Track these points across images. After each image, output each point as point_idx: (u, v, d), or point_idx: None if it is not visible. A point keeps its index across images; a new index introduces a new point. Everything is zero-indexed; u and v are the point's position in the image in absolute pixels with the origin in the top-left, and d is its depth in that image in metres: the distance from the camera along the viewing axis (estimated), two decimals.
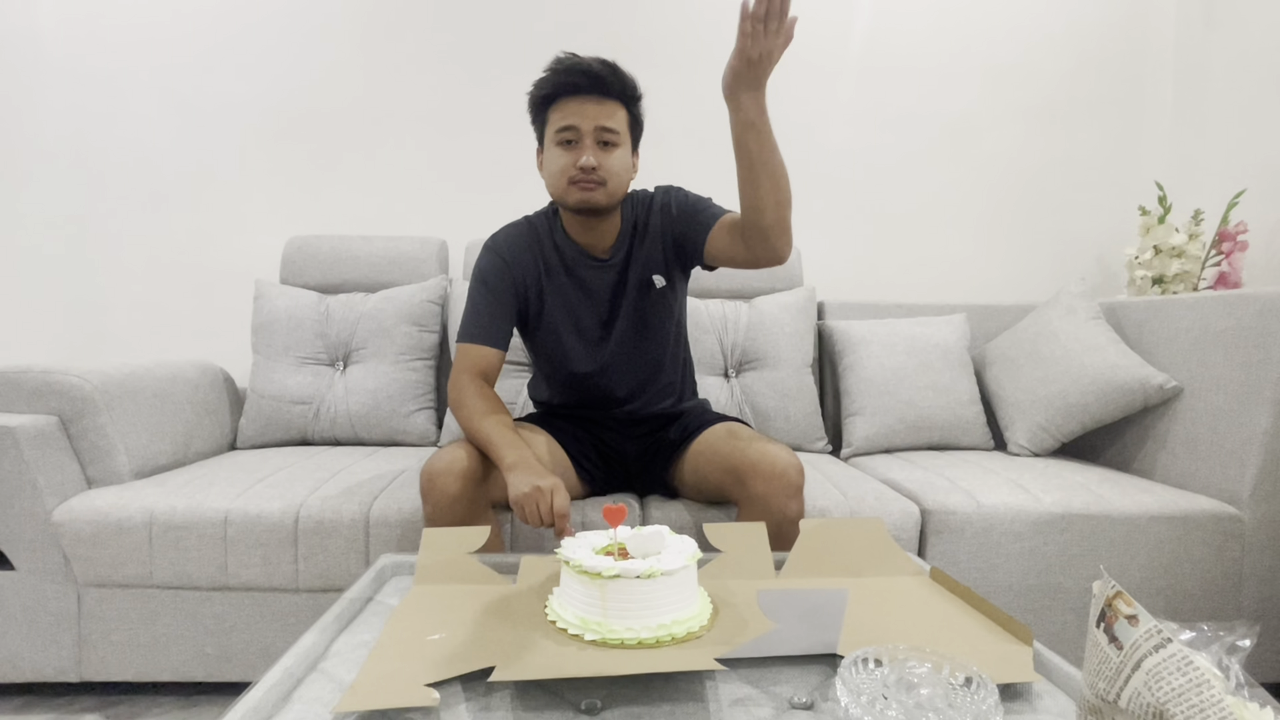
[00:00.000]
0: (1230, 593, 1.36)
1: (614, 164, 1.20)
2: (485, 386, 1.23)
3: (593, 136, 1.18)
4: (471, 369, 1.23)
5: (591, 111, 1.17)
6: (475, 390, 1.20)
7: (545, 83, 1.19)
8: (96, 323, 2.06)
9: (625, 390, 1.34)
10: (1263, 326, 1.36)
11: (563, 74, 1.17)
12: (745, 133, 1.06)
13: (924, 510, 1.35)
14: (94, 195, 2.04)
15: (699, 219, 1.26)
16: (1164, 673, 0.44)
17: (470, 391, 1.20)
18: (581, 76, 1.16)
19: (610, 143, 1.20)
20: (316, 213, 2.08)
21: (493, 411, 1.17)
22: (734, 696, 0.65)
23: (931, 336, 1.83)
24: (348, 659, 0.71)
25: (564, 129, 1.18)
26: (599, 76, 1.16)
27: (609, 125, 1.18)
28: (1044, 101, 2.15)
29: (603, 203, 1.21)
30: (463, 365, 1.23)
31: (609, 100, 1.19)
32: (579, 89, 1.17)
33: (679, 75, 2.09)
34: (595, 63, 1.17)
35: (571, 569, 0.73)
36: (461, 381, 1.21)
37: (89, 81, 2.02)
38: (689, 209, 1.28)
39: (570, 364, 1.31)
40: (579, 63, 1.16)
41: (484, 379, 1.23)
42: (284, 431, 1.74)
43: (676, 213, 1.29)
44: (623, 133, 1.21)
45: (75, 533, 1.25)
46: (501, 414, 1.18)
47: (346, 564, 1.27)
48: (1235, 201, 1.79)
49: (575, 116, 1.17)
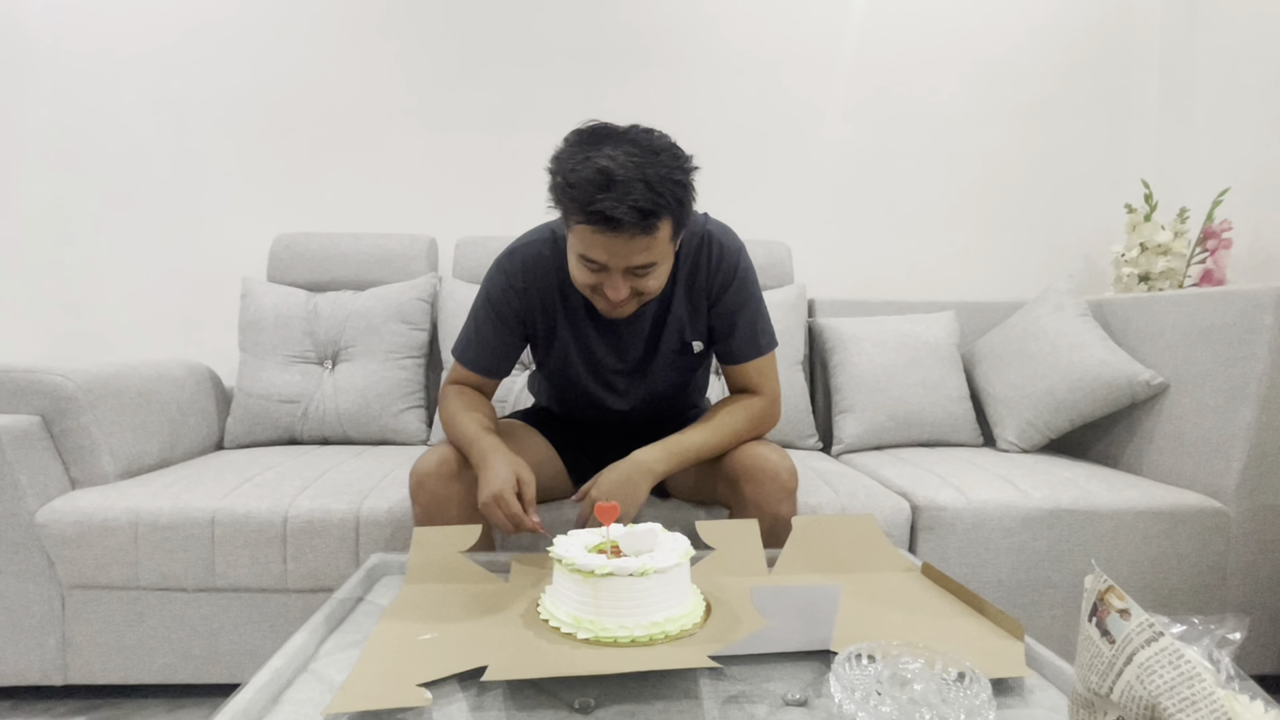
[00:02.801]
0: (1216, 586, 1.37)
1: (650, 284, 1.03)
2: (473, 393, 1.20)
3: (623, 271, 0.99)
4: (464, 382, 1.21)
5: (621, 250, 0.95)
6: (457, 392, 1.18)
7: (564, 195, 0.95)
8: (81, 321, 2.04)
9: (640, 421, 1.28)
10: (1247, 323, 1.37)
11: (586, 210, 0.92)
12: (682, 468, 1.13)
13: (914, 506, 1.35)
14: (78, 191, 2.01)
15: (733, 344, 1.18)
16: (1156, 666, 0.45)
17: (453, 394, 1.18)
18: (608, 222, 0.91)
19: (645, 274, 1.01)
20: (304, 210, 2.07)
21: (469, 409, 1.13)
22: (728, 694, 0.64)
23: (921, 334, 1.84)
24: (338, 659, 0.70)
25: (586, 259, 0.99)
26: (636, 214, 0.91)
27: (643, 262, 0.98)
28: (1032, 100, 2.16)
29: (633, 312, 1.10)
30: (456, 378, 1.22)
31: (646, 235, 0.94)
32: (605, 226, 0.92)
33: (671, 69, 2.09)
34: (633, 198, 0.90)
35: (564, 567, 0.73)
36: (449, 391, 1.19)
37: (73, 75, 1.99)
38: (735, 320, 1.16)
39: (580, 396, 1.25)
40: (607, 204, 0.89)
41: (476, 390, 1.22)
42: (272, 431, 1.72)
43: (724, 310, 1.16)
44: (663, 251, 1.00)
45: (59, 534, 1.23)
46: (477, 411, 1.13)
47: (336, 564, 1.26)
48: (1220, 199, 1.81)
49: (600, 254, 0.97)
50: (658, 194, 0.91)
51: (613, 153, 0.91)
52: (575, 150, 0.95)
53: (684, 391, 1.31)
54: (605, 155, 0.91)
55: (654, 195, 0.91)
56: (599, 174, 0.90)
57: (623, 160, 0.91)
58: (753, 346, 1.18)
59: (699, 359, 1.24)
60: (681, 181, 0.95)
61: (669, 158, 0.94)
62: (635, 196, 0.90)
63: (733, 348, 1.19)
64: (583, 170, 0.91)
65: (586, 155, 0.92)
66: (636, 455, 1.09)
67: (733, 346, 1.19)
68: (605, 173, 0.90)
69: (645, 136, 0.95)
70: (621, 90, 2.08)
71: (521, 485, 0.98)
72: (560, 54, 2.08)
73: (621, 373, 1.21)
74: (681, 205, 0.96)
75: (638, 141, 0.94)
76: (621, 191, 0.89)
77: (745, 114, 2.12)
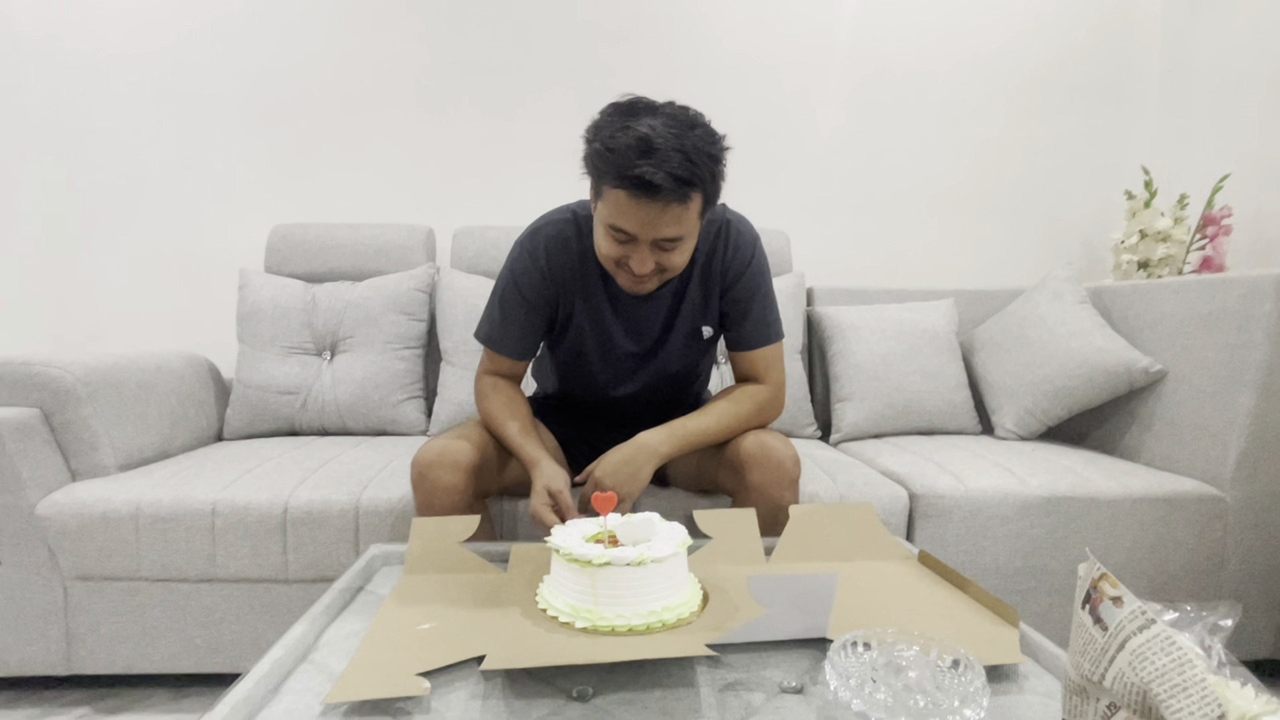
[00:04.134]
0: (1212, 573, 1.38)
1: (675, 259, 1.04)
2: (509, 387, 1.22)
3: (650, 242, 1.00)
4: (494, 372, 1.23)
5: (653, 220, 0.97)
6: (493, 387, 1.20)
7: (601, 160, 0.96)
8: (79, 314, 2.03)
9: (644, 406, 1.29)
10: (1246, 310, 1.37)
11: (625, 174, 0.93)
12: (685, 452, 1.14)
13: (912, 495, 1.36)
14: (74, 184, 2.00)
15: (744, 330, 1.19)
16: (1148, 653, 0.45)
17: (490, 392, 1.20)
18: (646, 187, 0.93)
19: (672, 247, 1.02)
20: (301, 200, 2.06)
21: (514, 417, 1.16)
22: (725, 681, 0.65)
23: (920, 322, 1.84)
24: (338, 649, 0.71)
25: (616, 229, 1.00)
26: (673, 181, 0.92)
27: (672, 235, 0.99)
28: (1031, 87, 2.15)
29: (657, 289, 1.12)
30: (487, 368, 1.23)
31: (679, 204, 0.96)
32: (641, 192, 0.94)
33: (668, 55, 2.08)
34: (671, 165, 0.92)
35: (561, 557, 0.73)
36: (485, 385, 1.21)
37: (66, 68, 1.98)
38: (748, 307, 1.18)
39: (589, 381, 1.27)
40: (646, 169, 0.91)
41: (509, 379, 1.23)
42: (271, 422, 1.73)
43: (737, 296, 1.18)
44: (691, 226, 1.01)
45: (60, 526, 1.23)
46: (516, 408, 1.17)
47: (337, 554, 1.27)
48: (1220, 186, 1.81)
49: (632, 223, 0.98)
50: (695, 164, 0.94)
51: (652, 122, 0.94)
52: (614, 119, 0.97)
53: (690, 378, 1.32)
54: (645, 124, 0.93)
55: (691, 165, 0.93)
56: (640, 141, 0.92)
57: (662, 130, 0.93)
58: (762, 334, 1.20)
59: (708, 344, 1.26)
60: (715, 156, 0.98)
61: (704, 133, 0.97)
62: (673, 165, 0.92)
63: (743, 334, 1.20)
64: (623, 137, 0.93)
65: (626, 124, 0.94)
66: (641, 437, 1.11)
67: (743, 333, 1.20)
68: (646, 140, 0.92)
69: (682, 111, 0.98)
70: (618, 78, 2.06)
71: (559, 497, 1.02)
72: (557, 42, 2.06)
73: (633, 355, 1.23)
74: (714, 181, 0.99)
75: (675, 115, 0.96)
76: (660, 159, 0.92)
77: (743, 102, 2.11)
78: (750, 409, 1.17)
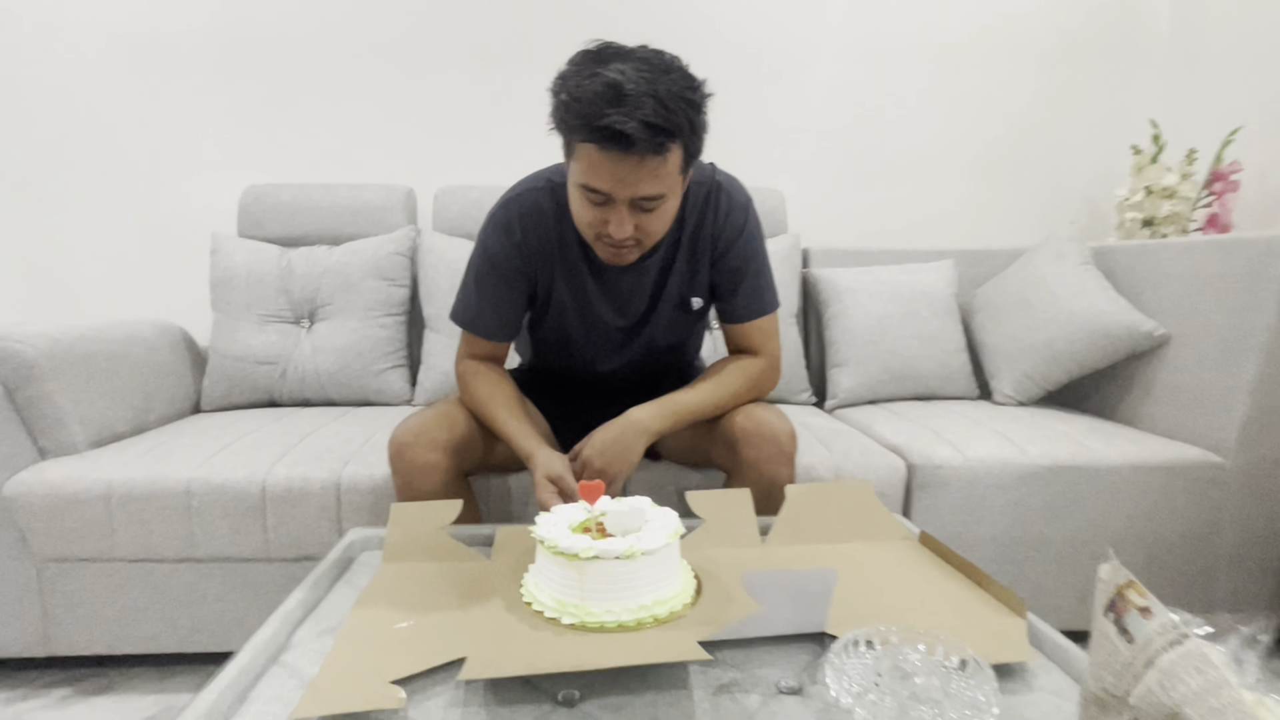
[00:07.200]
0: (1209, 538, 1.37)
1: (655, 224, 0.97)
2: (491, 371, 1.14)
3: (628, 202, 0.93)
4: (475, 355, 1.15)
5: (628, 176, 0.89)
6: (475, 373, 1.13)
7: (568, 113, 0.88)
8: (43, 282, 1.95)
9: (633, 381, 1.24)
10: (1253, 272, 1.32)
11: (593, 125, 0.85)
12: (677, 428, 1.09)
13: (910, 465, 1.33)
14: (34, 145, 1.90)
15: (736, 301, 1.13)
16: (1180, 672, 0.41)
17: (473, 379, 1.12)
18: (617, 138, 0.85)
19: (652, 207, 0.95)
20: (274, 159, 1.96)
21: (502, 404, 1.09)
22: (719, 682, 0.62)
23: (918, 284, 1.79)
24: (311, 649, 0.67)
25: (589, 189, 0.93)
26: (646, 130, 0.84)
27: (651, 193, 0.91)
28: (1034, 37, 2.05)
29: (637, 259, 1.04)
30: (467, 351, 1.16)
31: (656, 156, 0.88)
32: (613, 144, 0.86)
33: (662, 6, 1.97)
34: (644, 113, 0.83)
35: (547, 549, 0.69)
36: (467, 370, 1.14)
37: (25, 24, 1.85)
38: (740, 277, 1.11)
39: (573, 358, 1.22)
40: (616, 118, 0.83)
41: (491, 361, 1.16)
42: (250, 393, 1.67)
43: (729, 266, 1.11)
44: (672, 183, 0.93)
45: (29, 507, 1.19)
46: (508, 404, 1.10)
47: (318, 531, 1.23)
48: (1230, 139, 1.74)
49: (606, 180, 0.90)
50: (670, 110, 0.85)
51: (622, 67, 0.85)
52: (581, 67, 0.88)
53: (679, 351, 1.27)
54: (614, 70, 0.85)
55: (666, 112, 0.85)
56: (608, 88, 0.84)
57: (633, 75, 0.85)
58: (756, 305, 1.14)
59: (697, 316, 1.20)
60: (694, 102, 0.89)
61: (680, 77, 0.89)
62: (646, 112, 0.84)
63: (735, 306, 1.14)
64: (590, 85, 0.85)
65: (594, 71, 0.86)
66: (631, 413, 1.06)
67: (735, 304, 1.14)
68: (615, 86, 0.84)
69: (655, 55, 0.89)
70: (607, 25, 1.94)
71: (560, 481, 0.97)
72: None
73: (620, 329, 1.17)
74: (694, 131, 0.91)
75: (648, 59, 0.88)
76: (632, 106, 0.83)
77: (735, 54, 2.01)
78: (744, 383, 1.12)
